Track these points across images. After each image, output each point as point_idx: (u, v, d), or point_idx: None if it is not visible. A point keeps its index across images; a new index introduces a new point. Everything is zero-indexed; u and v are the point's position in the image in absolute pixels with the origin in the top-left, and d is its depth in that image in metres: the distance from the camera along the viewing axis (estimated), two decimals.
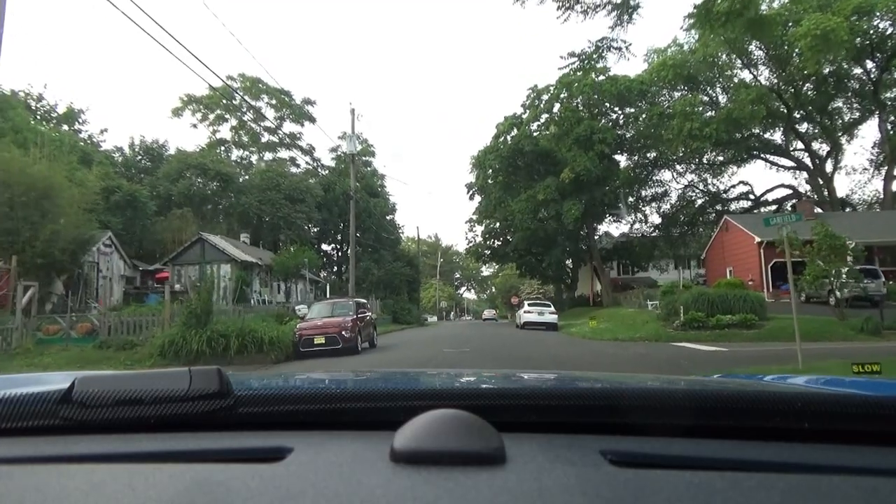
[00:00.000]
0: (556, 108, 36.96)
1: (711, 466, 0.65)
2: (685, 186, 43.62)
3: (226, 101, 45.20)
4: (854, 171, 62.31)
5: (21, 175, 19.35)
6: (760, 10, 11.91)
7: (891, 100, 34.05)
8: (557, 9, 11.50)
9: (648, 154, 39.72)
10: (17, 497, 0.59)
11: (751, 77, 35.46)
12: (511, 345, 17.02)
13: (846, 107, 37.88)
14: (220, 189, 39.53)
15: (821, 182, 37.29)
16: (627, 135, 38.35)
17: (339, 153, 50.66)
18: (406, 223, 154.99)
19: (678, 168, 42.20)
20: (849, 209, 38.65)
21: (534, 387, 1.17)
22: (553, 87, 36.55)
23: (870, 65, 32.72)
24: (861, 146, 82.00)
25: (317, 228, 46.94)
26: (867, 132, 54.34)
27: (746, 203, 42.57)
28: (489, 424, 0.67)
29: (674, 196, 43.91)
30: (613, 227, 45.38)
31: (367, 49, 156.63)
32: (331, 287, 38.08)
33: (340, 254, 48.99)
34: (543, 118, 38.10)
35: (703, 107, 35.10)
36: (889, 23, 29.75)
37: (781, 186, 41.18)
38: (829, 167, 38.32)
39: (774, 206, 40.57)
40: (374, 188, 50.33)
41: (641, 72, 36.37)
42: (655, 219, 44.90)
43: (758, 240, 28.83)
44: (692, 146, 32.55)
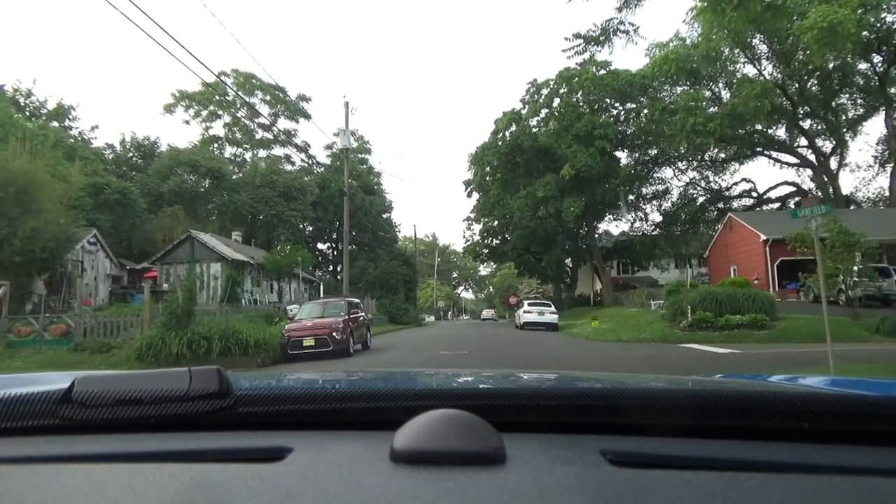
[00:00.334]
0: (556, 104, 36.24)
1: (711, 466, 0.65)
2: (687, 184, 42.94)
3: (219, 97, 44.40)
4: (858, 168, 61.71)
5: None
6: None
7: None
8: None
9: (650, 151, 38.99)
10: (17, 497, 0.59)
11: (755, 72, 34.84)
12: (511, 346, 16.38)
13: (850, 103, 37.25)
14: (213, 186, 38.78)
15: (825, 179, 36.56)
16: (628, 131, 37.60)
17: (335, 150, 49.90)
18: (403, 222, 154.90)
19: (679, 165, 41.51)
20: (853, 207, 37.97)
21: (534, 387, 1.17)
22: (553, 82, 35.81)
23: (876, 59, 32.07)
24: (866, 143, 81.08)
25: (312, 227, 46.24)
26: (871, 129, 53.75)
27: (749, 201, 41.95)
28: (489, 424, 0.67)
29: (675, 194, 43.22)
30: (613, 226, 44.76)
31: (367, 49, 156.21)
32: (325, 286, 37.32)
33: (336, 253, 48.23)
34: (543, 113, 37.36)
35: (706, 102, 34.36)
36: None
37: (785, 184, 40.54)
38: (834, 164, 37.65)
39: (778, 204, 39.95)
40: (371, 185, 49.54)
41: (643, 66, 35.60)
42: (656, 217, 44.17)
43: (763, 237, 28.15)
44: (695, 142, 31.84)
